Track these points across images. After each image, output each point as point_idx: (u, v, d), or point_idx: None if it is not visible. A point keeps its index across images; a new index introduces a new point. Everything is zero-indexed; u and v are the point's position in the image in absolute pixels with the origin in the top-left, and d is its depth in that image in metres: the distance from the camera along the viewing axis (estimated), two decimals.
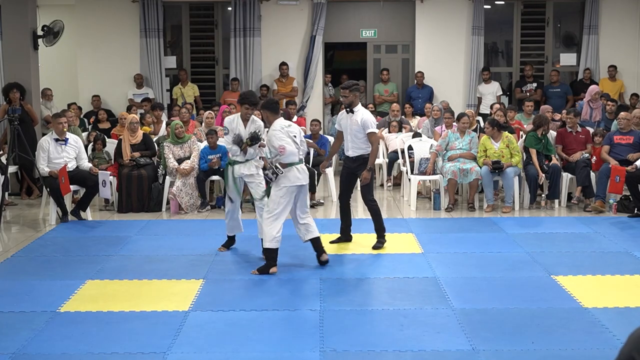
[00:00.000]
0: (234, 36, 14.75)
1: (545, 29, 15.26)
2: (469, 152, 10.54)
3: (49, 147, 9.87)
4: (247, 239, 8.22)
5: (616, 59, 14.71)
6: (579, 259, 7.74)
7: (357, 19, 15.24)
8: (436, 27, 14.98)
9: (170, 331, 5.61)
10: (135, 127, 10.76)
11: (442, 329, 5.67)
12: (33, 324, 5.79)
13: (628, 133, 10.47)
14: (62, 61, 15.60)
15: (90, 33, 14.87)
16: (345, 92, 7.96)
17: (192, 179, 10.42)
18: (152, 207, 10.48)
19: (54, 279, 7.14)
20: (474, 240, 8.56)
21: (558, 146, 10.97)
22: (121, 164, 10.55)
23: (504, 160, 10.26)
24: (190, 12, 15.22)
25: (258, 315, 5.98)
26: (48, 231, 9.31)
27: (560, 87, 14.60)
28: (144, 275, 7.20)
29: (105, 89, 14.71)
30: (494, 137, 10.46)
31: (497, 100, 14.28)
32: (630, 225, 9.44)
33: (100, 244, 8.54)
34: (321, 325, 5.72)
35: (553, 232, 9.05)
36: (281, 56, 14.79)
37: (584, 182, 10.37)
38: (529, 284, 6.84)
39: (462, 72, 14.99)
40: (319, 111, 14.83)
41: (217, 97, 15.09)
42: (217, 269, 7.41)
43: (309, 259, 7.60)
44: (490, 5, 15.20)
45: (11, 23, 12.13)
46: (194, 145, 10.66)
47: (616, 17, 14.90)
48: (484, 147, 10.48)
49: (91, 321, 5.90)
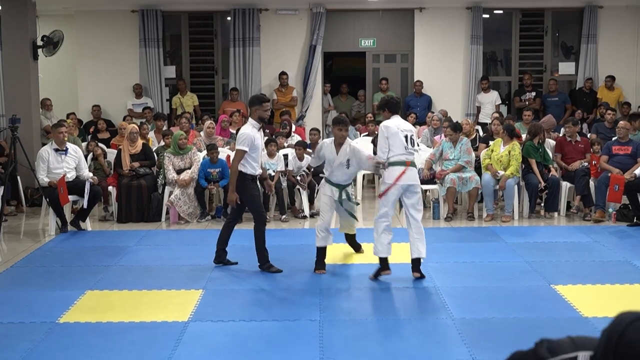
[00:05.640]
0: (233, 46, 14.78)
1: (544, 38, 15.30)
2: (458, 165, 10.51)
3: (48, 157, 9.86)
4: (245, 250, 8.20)
5: (614, 68, 14.75)
6: (579, 268, 7.74)
7: (356, 29, 15.27)
8: (435, 36, 15.02)
9: (169, 342, 5.60)
10: (135, 137, 10.77)
11: (442, 339, 5.67)
12: (32, 335, 5.78)
13: (626, 143, 10.48)
14: (61, 71, 15.62)
15: (89, 43, 14.90)
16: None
17: (191, 189, 10.42)
18: (152, 217, 10.47)
19: (54, 289, 7.13)
20: (473, 250, 8.56)
21: (557, 155, 10.99)
22: (121, 174, 10.55)
23: (499, 165, 10.28)
24: (189, 22, 15.25)
25: (258, 326, 5.98)
26: (47, 241, 9.31)
27: (558, 96, 14.63)
28: (143, 285, 7.20)
29: (105, 98, 14.73)
30: (504, 141, 10.50)
31: (496, 109, 14.31)
32: (629, 234, 9.45)
33: (99, 254, 8.54)
34: (321, 335, 5.71)
35: (552, 242, 9.05)
36: (280, 66, 14.82)
37: (583, 191, 10.38)
38: (529, 293, 6.84)
39: (461, 81, 15.02)
40: (318, 120, 14.84)
41: (216, 107, 15.11)
42: (216, 279, 7.41)
43: (309, 268, 7.60)
44: (489, 15, 15.23)
45: (11, 33, 12.17)
46: (194, 156, 10.66)
47: (614, 26, 14.93)
48: (492, 149, 10.53)
49: (91, 332, 5.90)
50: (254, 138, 7.43)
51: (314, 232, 7.65)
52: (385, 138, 7.12)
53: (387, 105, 7.39)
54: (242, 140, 7.43)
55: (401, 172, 7.05)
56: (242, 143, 7.40)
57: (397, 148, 7.08)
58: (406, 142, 7.10)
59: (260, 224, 7.63)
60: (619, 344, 1.69)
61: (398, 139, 7.08)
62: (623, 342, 1.68)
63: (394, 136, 7.09)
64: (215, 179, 10.47)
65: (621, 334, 1.70)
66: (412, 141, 7.17)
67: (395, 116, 7.31)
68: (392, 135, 7.10)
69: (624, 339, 1.69)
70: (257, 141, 7.50)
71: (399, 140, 7.08)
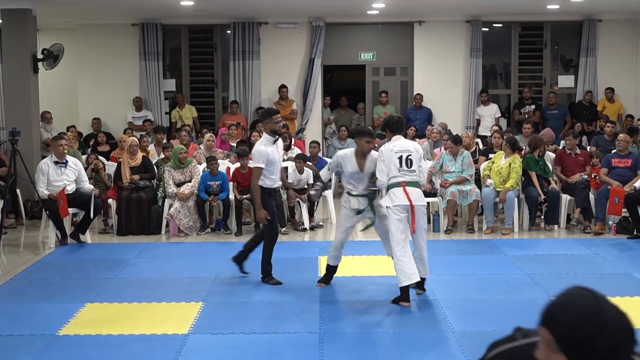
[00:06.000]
0: (233, 59, 14.82)
1: (543, 51, 15.35)
2: (461, 177, 10.52)
3: (48, 170, 9.86)
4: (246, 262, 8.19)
5: (613, 81, 14.78)
6: (579, 280, 7.69)
7: (356, 42, 15.32)
8: (434, 49, 15.06)
9: (169, 354, 5.59)
10: (135, 150, 10.77)
11: (443, 352, 5.65)
12: (32, 348, 5.76)
13: (626, 156, 10.49)
14: (62, 84, 15.66)
15: (90, 56, 14.94)
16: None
17: (191, 202, 10.41)
18: (152, 230, 10.46)
19: (53, 302, 7.12)
20: (473, 262, 8.55)
21: (557, 167, 11.00)
22: (121, 187, 10.55)
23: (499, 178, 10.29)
24: (189, 35, 15.29)
25: (257, 338, 5.97)
26: (47, 254, 9.30)
27: (558, 109, 14.65)
28: (143, 298, 7.19)
29: (105, 111, 14.76)
30: (506, 154, 10.50)
31: (495, 122, 14.33)
32: (629, 246, 9.44)
33: (99, 267, 8.52)
34: (321, 348, 5.70)
35: (553, 254, 9.04)
36: (280, 79, 14.86)
37: (583, 203, 10.37)
38: (529, 306, 6.80)
39: (461, 94, 15.05)
40: (318, 133, 14.86)
41: (216, 120, 15.14)
42: (216, 291, 7.39)
43: (309, 281, 7.59)
44: (488, 28, 15.29)
45: (11, 46, 12.21)
46: (194, 170, 10.66)
47: (613, 39, 14.98)
48: (492, 161, 10.54)
49: (90, 344, 5.88)
50: (267, 153, 7.45)
51: (313, 244, 7.66)
52: (382, 161, 7.03)
53: (388, 125, 7.30)
54: (256, 157, 7.52)
55: (399, 193, 6.87)
56: (257, 160, 7.48)
57: (392, 170, 6.97)
58: (400, 164, 6.96)
59: (270, 239, 7.65)
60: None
61: (391, 162, 6.98)
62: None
63: (388, 160, 6.99)
64: (215, 191, 10.46)
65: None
66: (409, 162, 6.99)
67: (397, 136, 7.18)
68: (387, 159, 7.00)
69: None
70: (271, 155, 7.51)
71: (392, 163, 6.97)
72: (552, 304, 1.98)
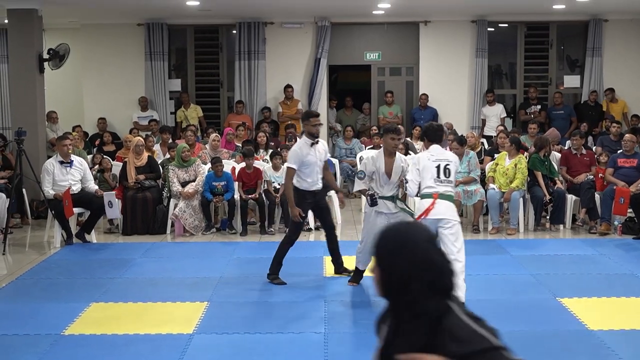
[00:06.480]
0: (238, 59, 14.82)
1: (549, 51, 15.31)
2: (469, 177, 10.50)
3: (53, 170, 9.88)
4: (251, 262, 8.20)
5: (620, 81, 14.74)
6: (585, 281, 7.72)
7: (361, 42, 15.30)
8: (440, 49, 15.04)
9: (174, 354, 5.60)
10: (140, 150, 10.78)
11: None
12: (38, 347, 5.78)
13: (632, 156, 10.46)
14: (67, 84, 15.68)
15: (95, 56, 14.96)
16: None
17: (196, 202, 10.42)
18: (157, 230, 10.47)
19: (59, 301, 7.13)
20: (479, 263, 8.52)
21: (562, 168, 10.98)
22: (126, 187, 10.56)
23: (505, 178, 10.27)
24: (195, 35, 15.30)
25: (262, 338, 5.97)
26: (53, 254, 9.31)
27: (564, 109, 14.62)
28: (148, 297, 7.20)
29: (111, 111, 14.77)
30: (510, 154, 10.48)
31: (501, 122, 14.30)
32: (635, 247, 9.41)
33: (104, 267, 8.54)
34: (326, 348, 5.70)
35: (558, 254, 9.02)
36: (286, 79, 14.85)
37: (589, 204, 10.35)
38: (535, 306, 6.82)
39: (466, 94, 15.02)
40: (323, 133, 14.84)
41: (221, 120, 15.14)
42: (221, 291, 7.40)
43: (314, 281, 7.59)
44: (493, 28, 15.26)
45: (17, 46, 12.22)
46: (198, 169, 10.67)
47: (619, 40, 14.94)
48: (496, 162, 10.52)
49: (96, 344, 5.90)
50: (302, 154, 7.48)
51: (318, 244, 7.66)
52: (417, 169, 6.82)
53: (426, 134, 7.14)
54: (289, 158, 7.64)
55: (429, 206, 6.63)
56: (289, 161, 7.59)
57: (427, 180, 6.73)
58: (438, 174, 6.72)
59: (287, 243, 7.69)
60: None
61: (428, 171, 6.74)
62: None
63: (425, 168, 6.76)
64: (220, 192, 10.47)
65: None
66: (447, 171, 6.76)
67: (435, 145, 6.94)
68: (423, 167, 6.77)
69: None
70: (307, 157, 7.51)
71: (429, 172, 6.73)
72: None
